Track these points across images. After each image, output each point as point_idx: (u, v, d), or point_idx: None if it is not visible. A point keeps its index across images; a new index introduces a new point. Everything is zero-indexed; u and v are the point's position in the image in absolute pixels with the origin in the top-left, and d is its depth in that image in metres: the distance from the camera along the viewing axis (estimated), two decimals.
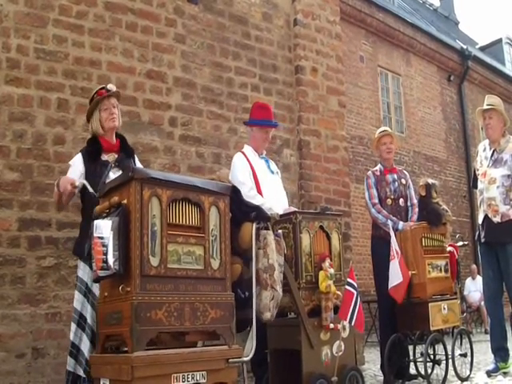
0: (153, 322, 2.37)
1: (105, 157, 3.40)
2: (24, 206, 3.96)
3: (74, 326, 3.19)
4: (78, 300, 3.22)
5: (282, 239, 3.26)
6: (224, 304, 2.62)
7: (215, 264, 2.63)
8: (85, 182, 3.23)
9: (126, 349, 2.43)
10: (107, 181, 3.04)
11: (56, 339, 3.93)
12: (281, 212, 3.66)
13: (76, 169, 3.37)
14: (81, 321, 3.18)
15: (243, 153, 4.04)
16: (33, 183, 4.01)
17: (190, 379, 2.45)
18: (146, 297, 2.38)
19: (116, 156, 3.44)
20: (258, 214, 2.97)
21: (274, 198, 3.89)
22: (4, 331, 3.75)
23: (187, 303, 2.49)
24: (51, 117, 4.16)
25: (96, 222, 2.48)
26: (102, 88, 3.53)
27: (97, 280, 2.63)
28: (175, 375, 2.40)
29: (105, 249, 2.39)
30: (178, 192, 2.56)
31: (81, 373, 3.08)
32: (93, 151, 3.40)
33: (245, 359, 2.74)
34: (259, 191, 3.87)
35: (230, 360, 2.59)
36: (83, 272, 3.21)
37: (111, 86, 3.54)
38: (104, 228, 2.41)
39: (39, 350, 3.86)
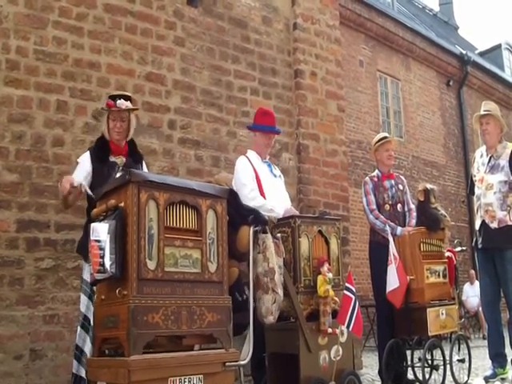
0: (150, 326, 2.37)
1: (113, 158, 3.40)
2: (22, 208, 3.95)
3: (79, 329, 3.20)
4: (83, 302, 3.23)
5: (280, 242, 3.27)
6: (221, 307, 2.62)
7: (212, 267, 2.63)
8: (83, 184, 3.21)
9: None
10: None
11: (54, 341, 3.92)
12: (282, 212, 3.68)
13: (83, 168, 3.37)
14: (85, 323, 3.19)
15: (247, 157, 4.06)
16: (31, 185, 4.01)
17: (186, 383, 2.44)
18: (143, 300, 2.37)
19: (124, 160, 3.44)
20: (255, 217, 2.98)
21: (277, 201, 3.90)
22: (2, 332, 3.74)
23: (184, 307, 2.49)
24: (50, 118, 4.15)
25: (93, 224, 2.49)
26: (115, 97, 3.50)
27: (94, 283, 2.64)
28: (172, 379, 2.40)
29: (101, 252, 2.39)
30: (176, 195, 2.56)
31: (83, 374, 3.08)
32: (101, 152, 3.40)
33: (242, 363, 2.74)
34: (262, 194, 3.88)
35: (227, 364, 2.59)
36: (87, 273, 3.19)
37: (120, 104, 3.43)
38: (101, 231, 2.41)
39: (37, 352, 3.85)
